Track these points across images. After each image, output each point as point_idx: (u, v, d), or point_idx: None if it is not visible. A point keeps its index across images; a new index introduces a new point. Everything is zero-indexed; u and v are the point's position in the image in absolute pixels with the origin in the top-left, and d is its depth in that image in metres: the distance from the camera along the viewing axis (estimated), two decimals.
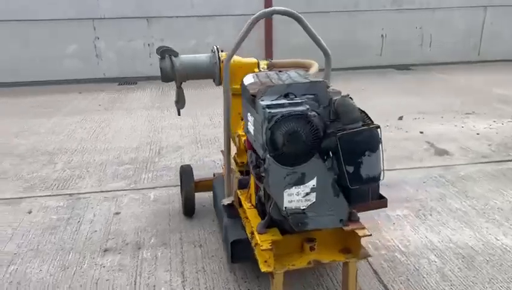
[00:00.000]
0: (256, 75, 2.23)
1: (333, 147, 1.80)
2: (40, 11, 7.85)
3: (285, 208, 1.87)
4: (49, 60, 8.10)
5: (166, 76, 2.73)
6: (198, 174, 3.29)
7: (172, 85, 2.84)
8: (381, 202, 2.24)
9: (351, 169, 1.81)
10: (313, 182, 1.84)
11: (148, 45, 8.34)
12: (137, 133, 5.19)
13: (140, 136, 5.09)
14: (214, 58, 2.76)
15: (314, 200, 1.87)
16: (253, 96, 1.96)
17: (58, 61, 8.16)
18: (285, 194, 1.84)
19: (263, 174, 1.88)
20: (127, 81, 8.27)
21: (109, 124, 5.61)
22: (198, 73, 2.77)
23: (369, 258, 2.52)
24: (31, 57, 8.02)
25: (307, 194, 1.86)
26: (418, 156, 4.29)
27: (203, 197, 3.32)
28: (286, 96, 1.93)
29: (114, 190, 3.67)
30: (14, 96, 7.25)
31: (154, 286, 2.46)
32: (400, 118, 5.43)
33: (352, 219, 2.09)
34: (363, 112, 1.95)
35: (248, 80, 2.19)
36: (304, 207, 1.88)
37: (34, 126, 5.53)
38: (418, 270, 2.53)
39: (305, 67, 2.95)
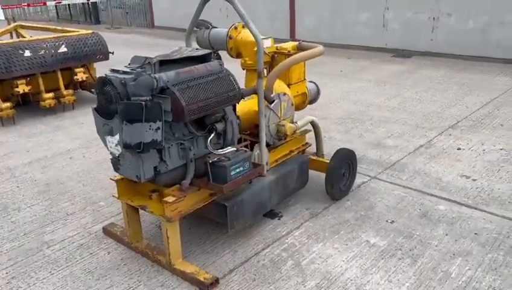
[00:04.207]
0: (179, 48, 2.64)
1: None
2: None
3: (110, 151, 2.41)
4: (347, 26, 9.09)
5: (198, 44, 3.32)
6: None
7: None
8: (216, 186, 2.35)
9: (122, 132, 2.17)
10: (117, 137, 2.30)
11: (433, 18, 7.92)
12: None
13: None
14: (227, 34, 3.13)
15: (121, 151, 2.32)
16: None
17: (351, 27, 9.03)
18: (106, 140, 2.39)
19: None
20: (402, 54, 8.24)
21: None
22: (216, 45, 3.20)
23: None
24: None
25: (116, 145, 2.33)
26: None
27: None
28: (141, 67, 2.36)
29: None
30: None
31: None
32: None
33: (182, 187, 2.37)
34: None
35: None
36: (117, 154, 2.36)
37: None
38: None
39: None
